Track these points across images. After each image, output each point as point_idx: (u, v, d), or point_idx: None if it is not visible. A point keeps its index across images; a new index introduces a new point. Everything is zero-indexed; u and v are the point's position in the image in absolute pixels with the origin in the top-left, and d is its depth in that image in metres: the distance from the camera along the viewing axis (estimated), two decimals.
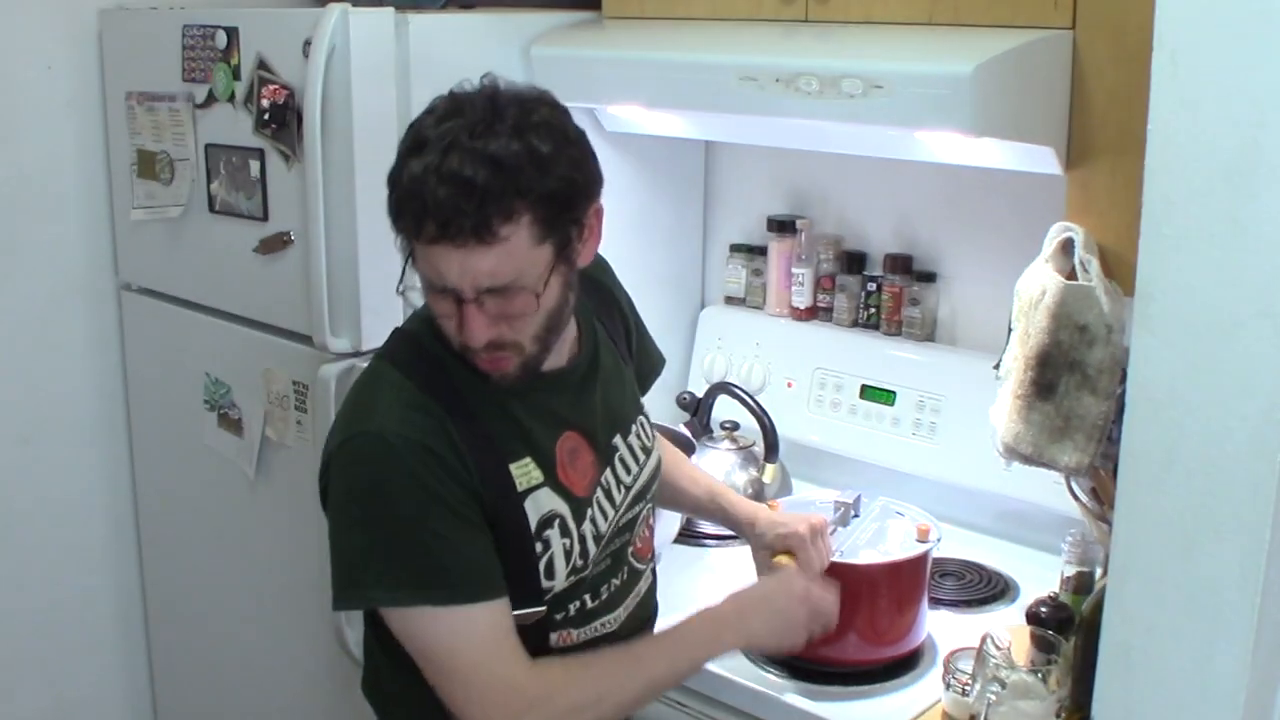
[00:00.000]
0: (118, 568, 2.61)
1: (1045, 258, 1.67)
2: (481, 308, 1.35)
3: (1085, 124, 1.66)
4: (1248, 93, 1.08)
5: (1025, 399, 1.64)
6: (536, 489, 1.44)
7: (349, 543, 1.40)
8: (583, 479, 1.50)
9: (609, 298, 1.70)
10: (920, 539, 1.76)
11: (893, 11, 1.81)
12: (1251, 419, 1.12)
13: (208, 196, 2.20)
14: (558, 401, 1.50)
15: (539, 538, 1.43)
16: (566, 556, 1.46)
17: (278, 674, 2.34)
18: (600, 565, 1.53)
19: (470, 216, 1.29)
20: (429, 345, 1.46)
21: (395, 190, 1.34)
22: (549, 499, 1.45)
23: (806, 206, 2.40)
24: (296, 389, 2.10)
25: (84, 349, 2.49)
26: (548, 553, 1.44)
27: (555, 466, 1.47)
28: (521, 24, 2.12)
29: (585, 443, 1.52)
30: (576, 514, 1.47)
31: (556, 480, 1.46)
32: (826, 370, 2.31)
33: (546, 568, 1.44)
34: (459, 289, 1.34)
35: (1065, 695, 1.54)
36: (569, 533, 1.46)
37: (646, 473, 1.61)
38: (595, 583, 1.53)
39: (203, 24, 2.13)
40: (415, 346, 1.48)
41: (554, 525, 1.45)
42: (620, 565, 1.57)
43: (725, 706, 1.77)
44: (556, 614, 1.49)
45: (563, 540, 1.45)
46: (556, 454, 1.47)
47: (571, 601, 1.50)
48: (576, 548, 1.47)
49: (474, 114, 1.32)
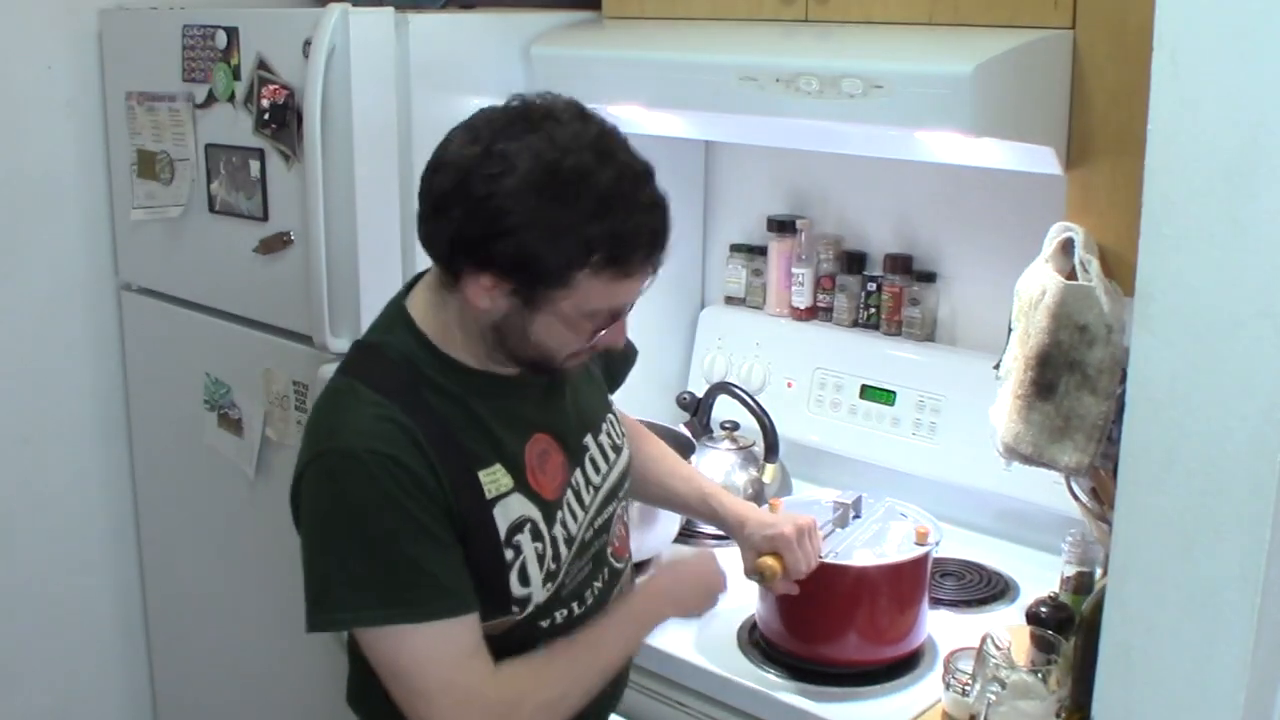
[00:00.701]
0: (118, 568, 2.61)
1: (1045, 258, 1.67)
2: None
3: (1085, 124, 1.66)
4: (1248, 93, 1.08)
5: (1025, 399, 1.64)
6: (505, 496, 1.42)
7: (319, 563, 1.39)
8: (552, 482, 1.48)
9: None
10: (919, 541, 1.76)
11: (892, 11, 1.81)
12: (1251, 419, 1.12)
13: (208, 196, 2.20)
14: (526, 405, 1.49)
15: (509, 544, 1.42)
16: (540, 561, 1.44)
17: (277, 674, 2.34)
18: (581, 571, 1.52)
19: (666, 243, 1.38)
20: (393, 356, 1.44)
21: (598, 224, 1.30)
22: (519, 504, 1.43)
23: (806, 206, 2.40)
24: (296, 389, 2.10)
25: (84, 349, 2.49)
26: (519, 559, 1.43)
27: (525, 471, 1.45)
28: (521, 24, 2.12)
29: (555, 444, 1.50)
30: (547, 518, 1.46)
31: (526, 485, 1.45)
32: (826, 370, 2.31)
33: (520, 574, 1.43)
34: (627, 305, 1.42)
35: (1065, 695, 1.54)
36: (540, 536, 1.45)
37: (617, 472, 1.60)
38: (578, 590, 1.52)
39: (203, 24, 2.13)
40: (378, 358, 1.45)
41: (524, 530, 1.43)
42: (601, 567, 1.56)
43: (726, 706, 1.77)
44: (542, 621, 1.47)
45: (535, 544, 1.44)
46: (526, 459, 1.46)
47: (557, 610, 1.49)
48: (549, 551, 1.45)
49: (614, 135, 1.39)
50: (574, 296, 1.35)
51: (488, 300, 1.36)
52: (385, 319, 1.50)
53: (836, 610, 1.72)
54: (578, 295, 1.34)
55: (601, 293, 1.35)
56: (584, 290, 1.34)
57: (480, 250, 1.32)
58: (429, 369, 1.42)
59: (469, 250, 1.33)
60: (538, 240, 1.30)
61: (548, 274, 1.33)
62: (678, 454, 1.87)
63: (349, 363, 1.48)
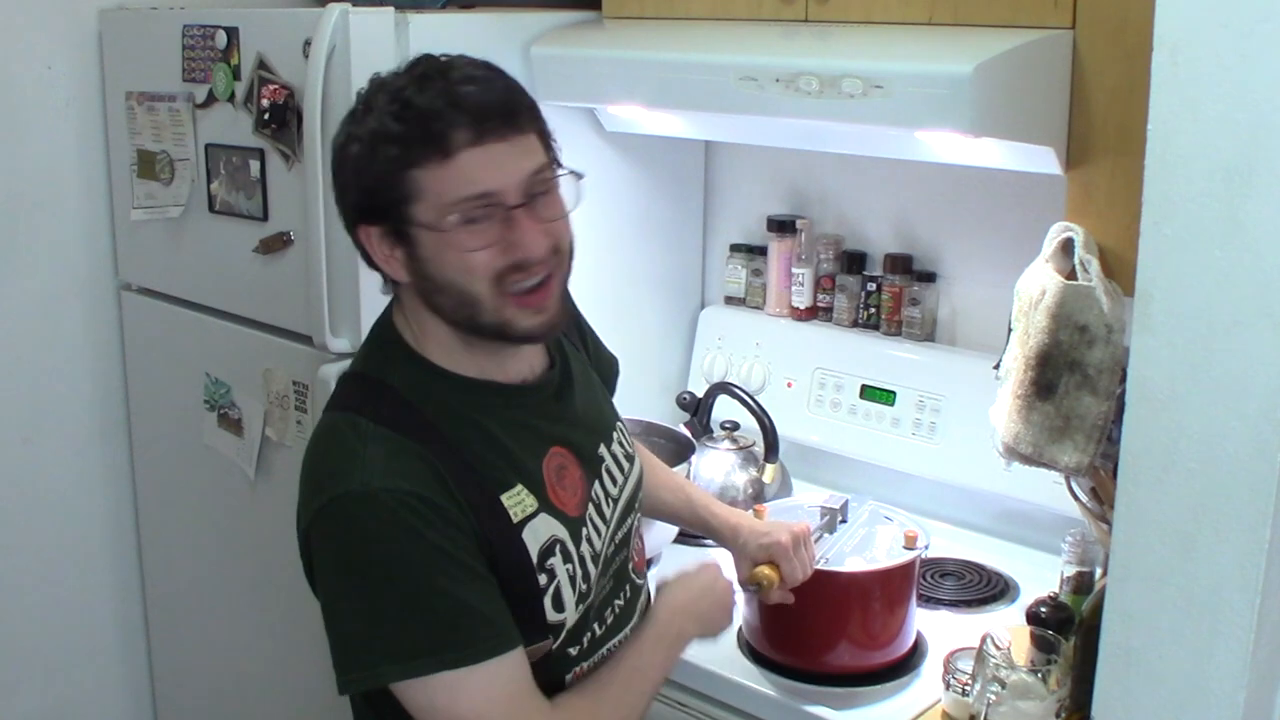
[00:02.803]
0: (118, 568, 2.61)
1: (1045, 258, 1.67)
2: (531, 211, 1.30)
3: (1085, 124, 1.65)
4: (1248, 93, 1.08)
5: (1025, 399, 1.64)
6: (532, 517, 1.34)
7: (349, 616, 1.28)
8: (573, 497, 1.41)
9: None
10: (908, 545, 1.75)
11: (892, 11, 1.81)
12: (1251, 419, 1.12)
13: (208, 196, 2.20)
14: (537, 419, 1.42)
15: (542, 569, 1.34)
16: (572, 583, 1.37)
17: (278, 674, 2.34)
18: (604, 588, 1.46)
19: (499, 113, 1.27)
20: (391, 382, 1.36)
21: (402, 124, 1.26)
22: (546, 525, 1.36)
23: (806, 206, 2.40)
24: (296, 389, 2.10)
25: (84, 349, 2.49)
26: (553, 583, 1.35)
27: (545, 489, 1.38)
28: (521, 24, 2.12)
29: (572, 457, 1.43)
30: (574, 536, 1.39)
31: (549, 503, 1.37)
32: (826, 370, 2.31)
33: (554, 599, 1.35)
34: (504, 191, 1.28)
35: (1065, 695, 1.54)
36: (570, 558, 1.38)
37: (631, 482, 1.54)
38: (601, 609, 1.46)
39: (203, 24, 2.13)
40: (371, 387, 1.37)
41: (555, 553, 1.36)
42: (622, 584, 1.51)
43: (725, 706, 1.77)
44: (571, 649, 1.41)
45: (566, 566, 1.37)
46: (544, 475, 1.38)
47: (585, 633, 1.42)
48: (579, 571, 1.39)
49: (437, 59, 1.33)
50: (424, 202, 1.28)
51: (394, 262, 1.33)
52: (371, 343, 1.45)
53: (829, 618, 1.71)
54: (425, 201, 1.27)
55: (441, 183, 1.27)
56: (425, 189, 1.27)
57: (350, 214, 1.35)
58: (430, 389, 1.36)
59: (348, 221, 1.36)
60: (364, 162, 1.30)
61: (386, 187, 1.28)
62: (665, 463, 1.84)
63: (341, 397, 1.39)
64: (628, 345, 1.85)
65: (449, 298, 1.33)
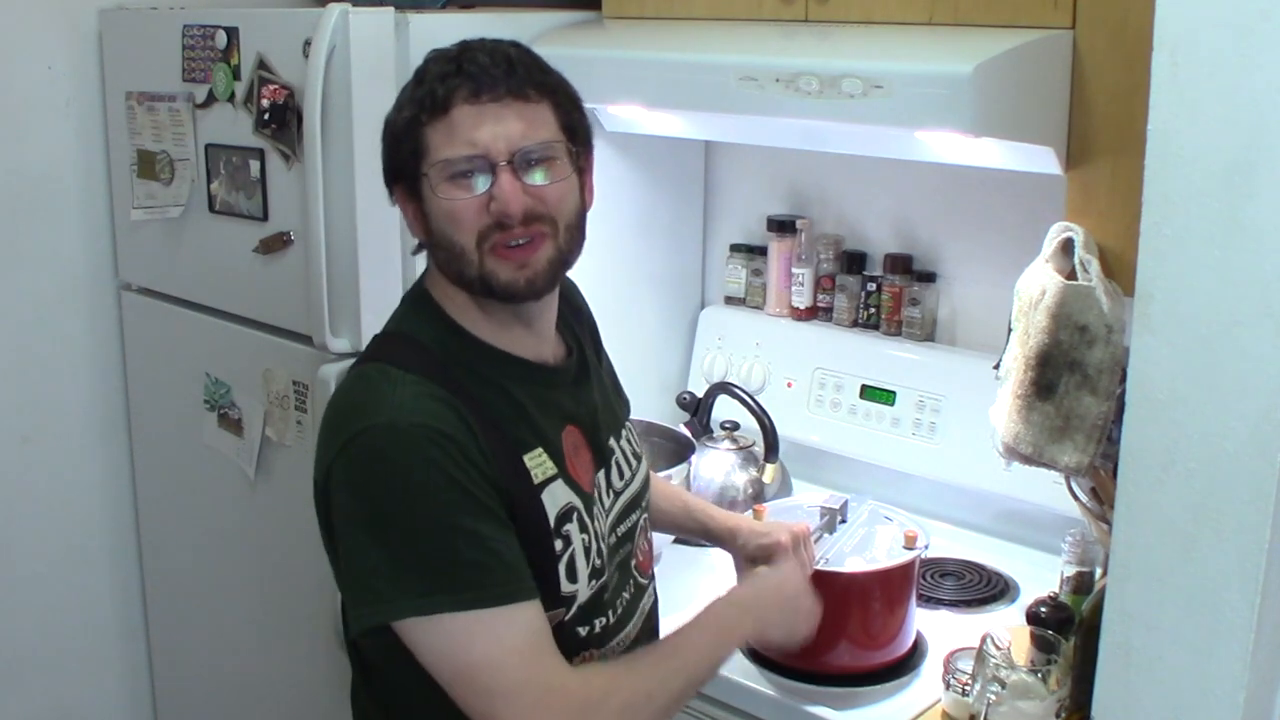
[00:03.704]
0: (118, 568, 2.61)
1: (1045, 258, 1.67)
2: (517, 177, 1.32)
3: (1085, 124, 1.66)
4: (1248, 93, 1.08)
5: (1025, 399, 1.64)
6: (551, 481, 1.35)
7: (367, 553, 1.26)
8: (586, 475, 1.44)
9: (585, 317, 1.64)
10: (907, 545, 1.75)
11: (892, 11, 1.81)
12: (1251, 419, 1.12)
13: (208, 196, 2.20)
14: (557, 395, 1.44)
15: (559, 534, 1.35)
16: (586, 554, 1.38)
17: (278, 674, 2.34)
18: (612, 576, 1.46)
19: (503, 80, 1.33)
20: (423, 340, 1.38)
21: (419, 87, 1.36)
22: (564, 492, 1.37)
23: (806, 206, 2.40)
24: (296, 389, 2.10)
25: (84, 349, 2.49)
26: (569, 550, 1.36)
27: (564, 458, 1.39)
28: (521, 24, 2.12)
29: (584, 440, 1.46)
30: (588, 509, 1.41)
31: (567, 473, 1.38)
32: (826, 370, 2.31)
33: (568, 568, 1.35)
34: (491, 151, 1.32)
35: (1065, 695, 1.54)
36: (586, 528, 1.39)
37: (638, 481, 1.56)
38: (611, 598, 1.46)
39: (203, 24, 2.13)
40: (403, 341, 1.39)
41: (572, 519, 1.37)
42: (627, 578, 1.51)
43: (726, 706, 1.77)
44: (580, 628, 1.40)
45: (582, 535, 1.37)
46: (563, 446, 1.40)
47: (597, 617, 1.42)
48: (594, 544, 1.40)
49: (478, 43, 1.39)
50: (428, 157, 1.35)
51: (413, 220, 1.41)
52: (405, 304, 1.46)
53: (829, 618, 1.68)
54: (429, 156, 1.34)
55: (439, 136, 1.34)
56: (430, 145, 1.34)
57: (386, 177, 1.42)
58: (460, 351, 1.37)
59: (388, 185, 1.43)
60: (391, 126, 1.40)
61: (402, 145, 1.37)
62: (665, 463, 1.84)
63: (371, 350, 1.41)
64: (628, 345, 1.85)
65: (442, 250, 1.38)
